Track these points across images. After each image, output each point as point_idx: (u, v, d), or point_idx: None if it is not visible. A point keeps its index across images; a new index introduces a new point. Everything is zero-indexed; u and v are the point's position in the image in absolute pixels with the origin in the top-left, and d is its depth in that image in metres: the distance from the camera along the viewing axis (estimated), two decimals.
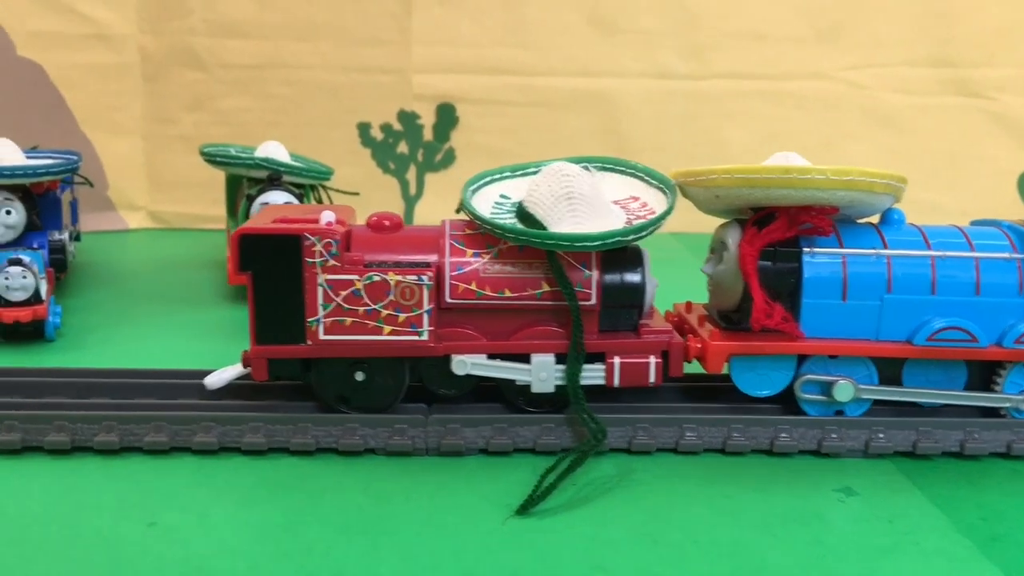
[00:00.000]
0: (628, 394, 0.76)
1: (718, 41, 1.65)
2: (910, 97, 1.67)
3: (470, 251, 0.72)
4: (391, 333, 0.71)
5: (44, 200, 1.10)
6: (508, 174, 0.80)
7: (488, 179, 0.79)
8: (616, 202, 0.76)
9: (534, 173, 0.77)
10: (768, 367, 0.73)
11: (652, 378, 0.73)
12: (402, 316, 0.70)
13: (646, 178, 0.77)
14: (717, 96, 1.67)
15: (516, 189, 0.77)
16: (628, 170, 0.79)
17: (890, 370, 0.74)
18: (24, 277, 0.94)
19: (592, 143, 1.66)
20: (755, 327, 0.69)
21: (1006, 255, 0.72)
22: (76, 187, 1.27)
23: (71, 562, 0.57)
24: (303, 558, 0.57)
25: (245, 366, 0.73)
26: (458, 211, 0.74)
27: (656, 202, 0.75)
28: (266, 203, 1.09)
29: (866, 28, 1.65)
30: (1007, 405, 0.74)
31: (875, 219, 0.76)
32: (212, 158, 1.24)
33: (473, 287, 0.71)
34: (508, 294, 0.71)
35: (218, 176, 1.32)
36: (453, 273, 0.71)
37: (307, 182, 1.22)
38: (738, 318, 0.73)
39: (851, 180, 0.67)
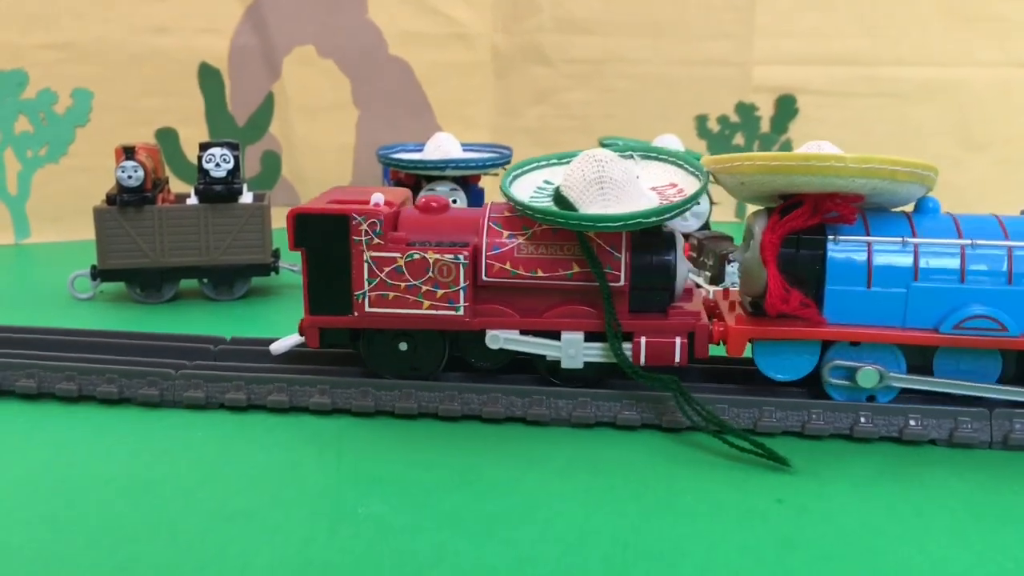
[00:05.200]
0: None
1: None
2: None
3: (506, 232, 0.76)
4: (430, 307, 0.76)
5: (472, 191, 1.22)
6: (555, 161, 0.84)
7: (534, 165, 0.83)
8: (654, 188, 0.79)
9: None
10: (792, 352, 0.74)
11: (678, 358, 0.75)
12: (440, 292, 0.76)
13: (685, 166, 0.80)
14: None
15: (558, 175, 0.81)
16: (669, 158, 0.82)
17: (920, 358, 0.74)
18: None
19: (937, 135, 1.67)
20: (771, 312, 0.71)
21: None
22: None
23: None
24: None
25: (301, 334, 0.80)
26: None
27: (692, 188, 0.77)
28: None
29: None
30: None
31: (910, 208, 0.76)
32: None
33: (508, 266, 0.75)
34: (540, 274, 0.75)
35: None
36: (489, 253, 0.76)
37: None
38: (763, 304, 0.74)
39: (871, 168, 0.68)
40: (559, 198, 0.76)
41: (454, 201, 1.08)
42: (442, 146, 1.25)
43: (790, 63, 1.67)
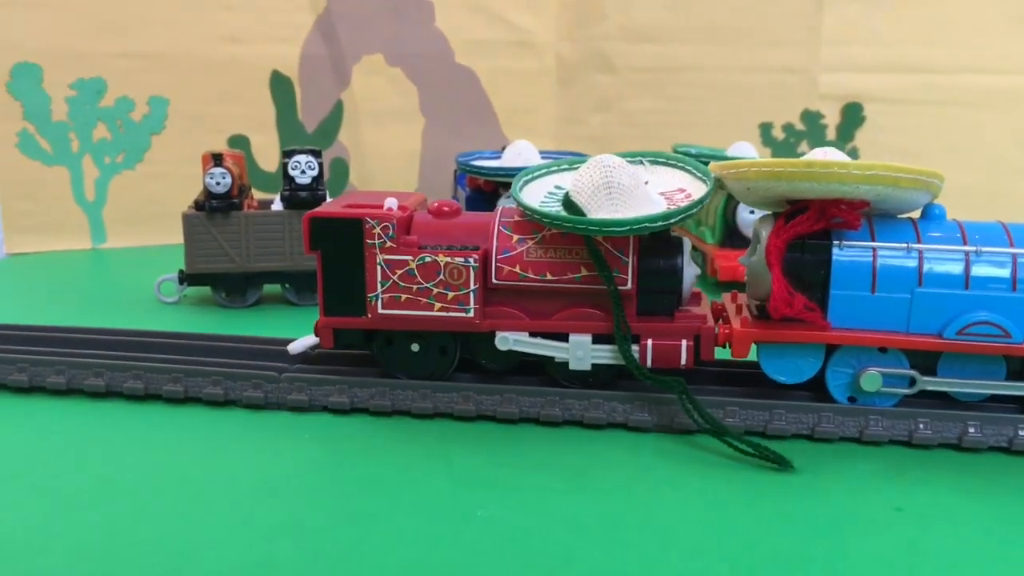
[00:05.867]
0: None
1: None
2: None
3: (516, 236, 0.78)
4: (441, 309, 0.78)
5: None
6: (565, 167, 0.85)
7: (545, 171, 0.85)
8: (663, 193, 0.80)
9: None
10: (796, 355, 0.75)
11: (683, 360, 0.77)
12: (451, 294, 0.77)
13: (694, 172, 0.81)
14: None
15: (568, 181, 0.83)
16: (679, 164, 0.83)
17: (925, 363, 0.75)
18: None
19: (1003, 142, 1.65)
20: (774, 315, 0.72)
21: None
22: None
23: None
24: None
25: (316, 335, 0.82)
26: None
27: (700, 194, 0.79)
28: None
29: None
30: None
31: (916, 214, 0.77)
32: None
33: (517, 270, 0.77)
34: (549, 277, 0.77)
35: None
36: (499, 256, 0.77)
37: None
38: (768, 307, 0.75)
39: (873, 175, 0.68)
40: (568, 203, 0.77)
41: None
42: (522, 153, 1.27)
43: (857, 71, 1.66)
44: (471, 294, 0.77)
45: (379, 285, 0.78)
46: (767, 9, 1.65)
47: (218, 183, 1.13)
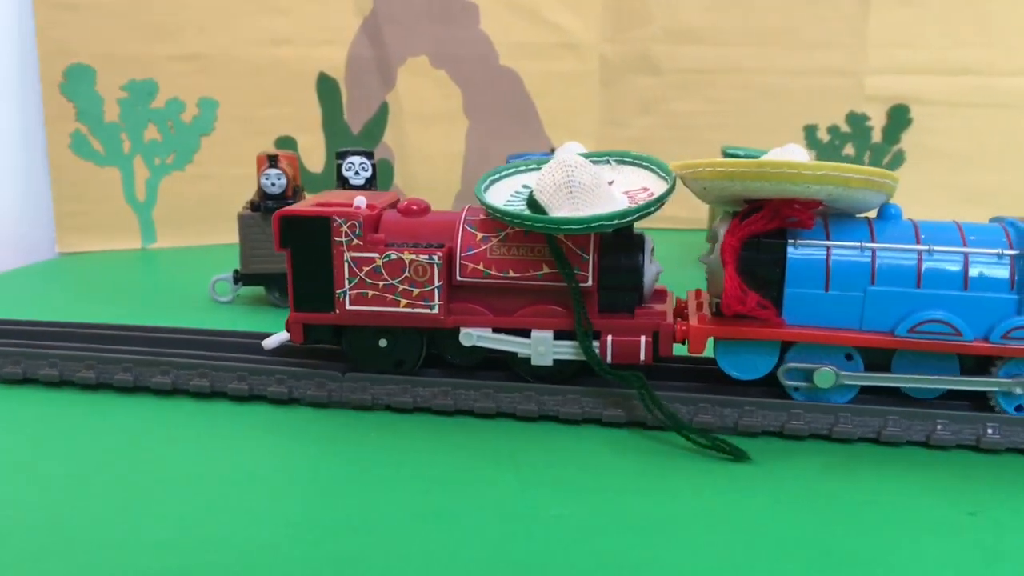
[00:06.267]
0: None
1: None
2: None
3: (480, 234, 0.80)
4: (407, 306, 0.80)
5: None
6: (533, 167, 0.87)
7: (512, 170, 0.86)
8: (627, 192, 0.82)
9: None
10: (751, 352, 0.77)
11: (643, 356, 0.78)
12: (416, 291, 0.79)
13: (658, 171, 0.83)
14: None
15: (534, 180, 0.84)
16: (644, 163, 0.84)
17: (879, 360, 0.76)
18: None
19: None
20: (726, 312, 0.74)
21: (997, 251, 0.73)
22: None
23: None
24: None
25: (287, 330, 0.84)
26: None
27: (660, 192, 0.80)
28: None
29: None
30: (995, 389, 0.74)
31: (873, 214, 0.78)
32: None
33: (481, 267, 0.79)
34: (512, 274, 0.79)
35: None
36: (463, 254, 0.79)
37: None
38: None
39: (823, 175, 0.70)
40: (532, 202, 0.79)
41: None
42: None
43: (904, 72, 1.65)
44: (435, 291, 0.79)
45: (347, 282, 0.80)
46: (813, 11, 1.64)
47: (273, 184, 1.15)
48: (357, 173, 1.13)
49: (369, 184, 1.14)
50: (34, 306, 1.17)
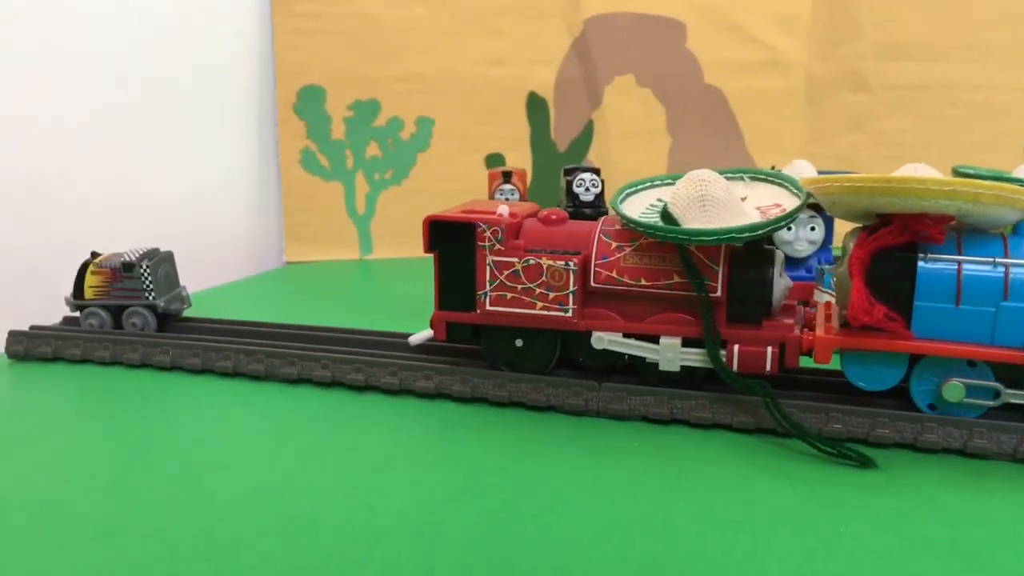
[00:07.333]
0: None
1: None
2: None
3: (615, 244, 0.83)
4: (542, 308, 0.84)
5: (828, 218, 1.18)
6: (669, 181, 0.90)
7: (648, 184, 0.90)
8: (759, 208, 0.84)
9: None
10: (880, 363, 0.78)
11: (768, 366, 0.80)
12: (552, 295, 0.84)
13: (790, 187, 0.85)
14: None
15: (668, 195, 0.88)
16: (777, 180, 0.87)
17: (1011, 376, 0.76)
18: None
19: None
20: (852, 323, 0.75)
21: None
22: None
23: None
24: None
25: (431, 328, 0.90)
26: None
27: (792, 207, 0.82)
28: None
29: None
30: None
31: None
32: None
33: (614, 274, 0.83)
34: (643, 282, 0.82)
35: None
36: (598, 261, 0.83)
37: None
38: None
39: (952, 190, 0.70)
40: (665, 214, 0.83)
41: (812, 229, 1.08)
42: (803, 172, 1.26)
43: None
44: (570, 295, 0.84)
45: (488, 284, 0.86)
46: None
47: (507, 199, 1.21)
48: (587, 189, 1.17)
49: (598, 200, 1.17)
50: (267, 310, 1.22)
